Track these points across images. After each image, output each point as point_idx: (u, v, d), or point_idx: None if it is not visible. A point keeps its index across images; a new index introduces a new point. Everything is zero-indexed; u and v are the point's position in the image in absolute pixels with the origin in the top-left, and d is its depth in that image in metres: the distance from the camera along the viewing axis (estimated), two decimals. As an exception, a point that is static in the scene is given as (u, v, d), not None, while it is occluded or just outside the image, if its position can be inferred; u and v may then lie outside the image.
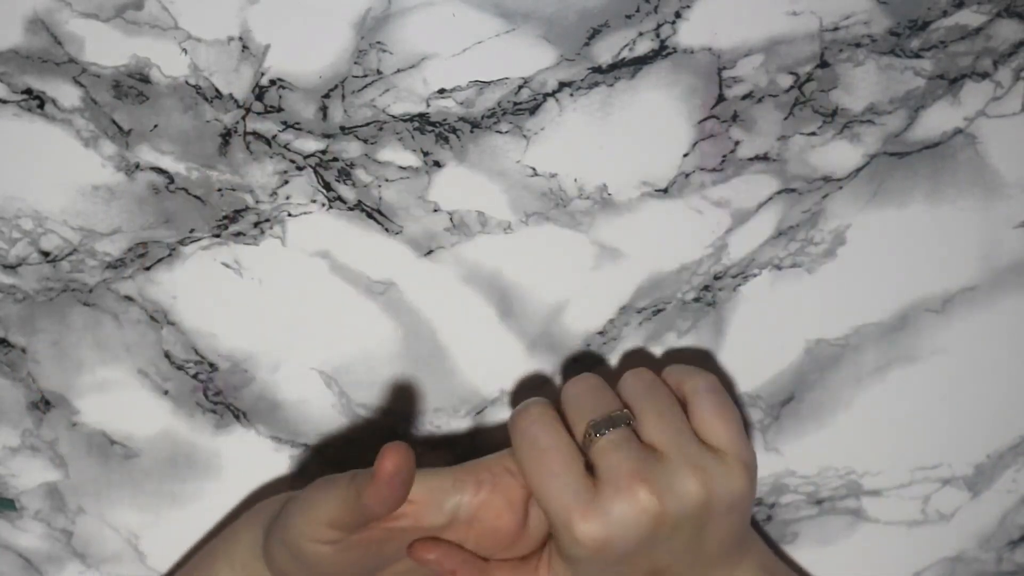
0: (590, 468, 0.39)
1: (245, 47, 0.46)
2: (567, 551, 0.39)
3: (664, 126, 0.48)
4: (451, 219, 0.48)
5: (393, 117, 0.47)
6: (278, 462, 0.51)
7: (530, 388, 0.50)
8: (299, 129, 0.47)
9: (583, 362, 0.50)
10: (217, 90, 0.46)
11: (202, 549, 0.45)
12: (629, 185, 0.48)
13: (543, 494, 0.39)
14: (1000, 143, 0.49)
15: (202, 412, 0.50)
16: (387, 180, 0.48)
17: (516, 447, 0.40)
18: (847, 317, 0.50)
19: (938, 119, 0.48)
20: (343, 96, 0.47)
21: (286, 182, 0.48)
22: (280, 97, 0.47)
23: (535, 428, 0.40)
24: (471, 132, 0.47)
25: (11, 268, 0.48)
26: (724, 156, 0.48)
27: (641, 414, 0.40)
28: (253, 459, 0.50)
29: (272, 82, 0.46)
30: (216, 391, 0.50)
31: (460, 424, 0.51)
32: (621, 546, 0.38)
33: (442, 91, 0.47)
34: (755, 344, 0.50)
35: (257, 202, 0.48)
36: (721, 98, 0.48)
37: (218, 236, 0.48)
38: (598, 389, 0.42)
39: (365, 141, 0.47)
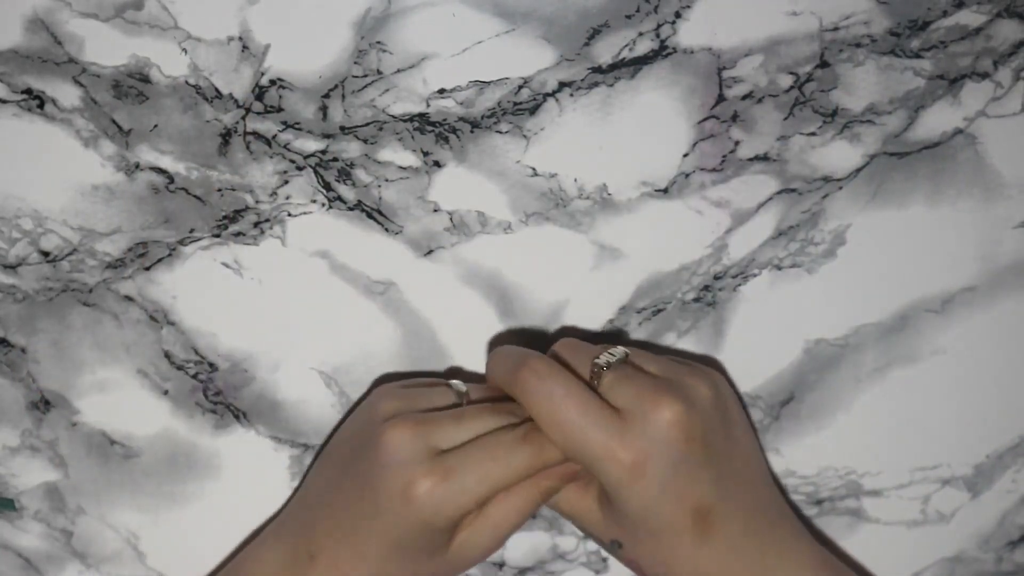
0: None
1: (245, 47, 0.46)
2: (613, 488, 0.40)
3: (664, 126, 0.48)
4: (451, 219, 0.48)
5: (393, 117, 0.47)
6: (278, 462, 0.51)
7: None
8: (299, 129, 0.47)
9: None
10: (217, 90, 0.46)
11: None
12: (629, 185, 0.48)
13: (575, 442, 0.40)
14: (1000, 143, 0.49)
15: (202, 412, 0.50)
16: (387, 180, 0.48)
17: (532, 405, 0.41)
18: (847, 317, 0.50)
19: (938, 119, 0.48)
20: (343, 96, 0.47)
21: (286, 182, 0.48)
22: (280, 97, 0.47)
23: (547, 380, 0.41)
24: (471, 132, 0.47)
25: (11, 268, 0.48)
26: (724, 156, 0.48)
27: (631, 356, 0.43)
28: (253, 459, 0.50)
29: (272, 82, 0.46)
30: (216, 391, 0.50)
31: (460, 424, 0.51)
32: (663, 464, 0.40)
33: (442, 91, 0.47)
34: (755, 344, 0.50)
35: (257, 202, 0.48)
36: (721, 98, 0.48)
37: (218, 236, 0.48)
38: (586, 341, 0.44)
39: (365, 141, 0.47)
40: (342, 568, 0.42)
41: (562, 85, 0.47)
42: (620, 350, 0.43)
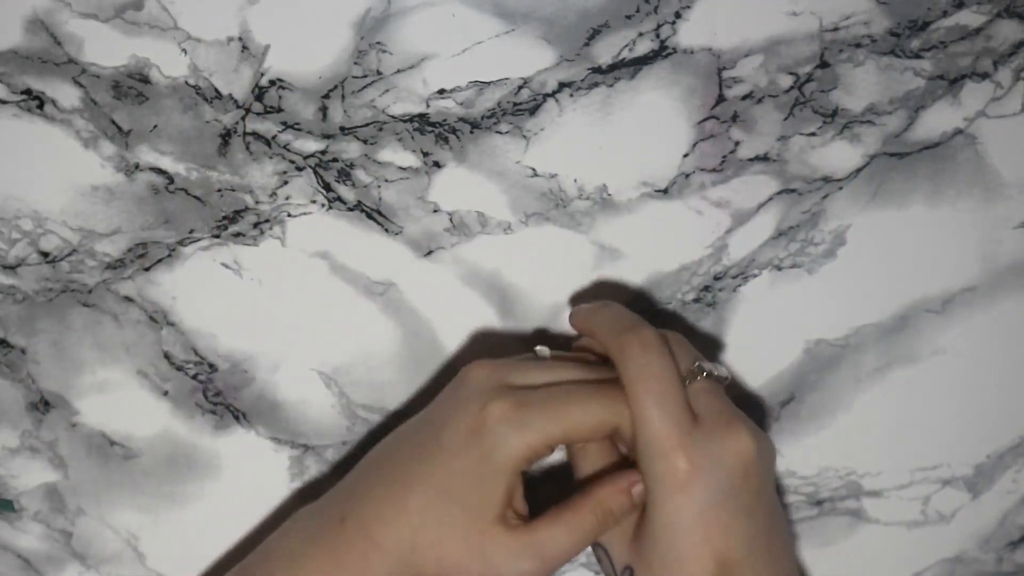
0: None
1: (245, 47, 0.46)
2: (655, 491, 0.39)
3: (664, 126, 0.48)
4: (451, 219, 0.48)
5: (393, 117, 0.47)
6: (278, 462, 0.51)
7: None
8: (299, 129, 0.47)
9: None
10: (217, 90, 0.46)
11: None
12: (629, 185, 0.48)
13: (647, 417, 0.39)
14: (1000, 143, 0.49)
15: (202, 413, 0.50)
16: (387, 180, 0.48)
17: (627, 368, 0.40)
18: (847, 317, 0.50)
19: (938, 119, 0.48)
20: (343, 96, 0.47)
21: (286, 182, 0.48)
22: (280, 97, 0.47)
23: (651, 354, 0.40)
24: (471, 132, 0.47)
25: (11, 269, 0.48)
26: (724, 156, 0.48)
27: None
28: (253, 460, 0.50)
29: (272, 82, 0.46)
30: (216, 392, 0.50)
31: (460, 425, 0.51)
32: (712, 488, 0.39)
33: (442, 91, 0.47)
34: (755, 344, 0.50)
35: (257, 202, 0.48)
36: (721, 98, 0.48)
37: (218, 236, 0.48)
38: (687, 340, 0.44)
39: (365, 141, 0.47)
40: (372, 529, 0.40)
41: (562, 85, 0.47)
42: (725, 370, 0.42)
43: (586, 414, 0.40)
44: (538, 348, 0.44)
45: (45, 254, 0.48)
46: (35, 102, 0.46)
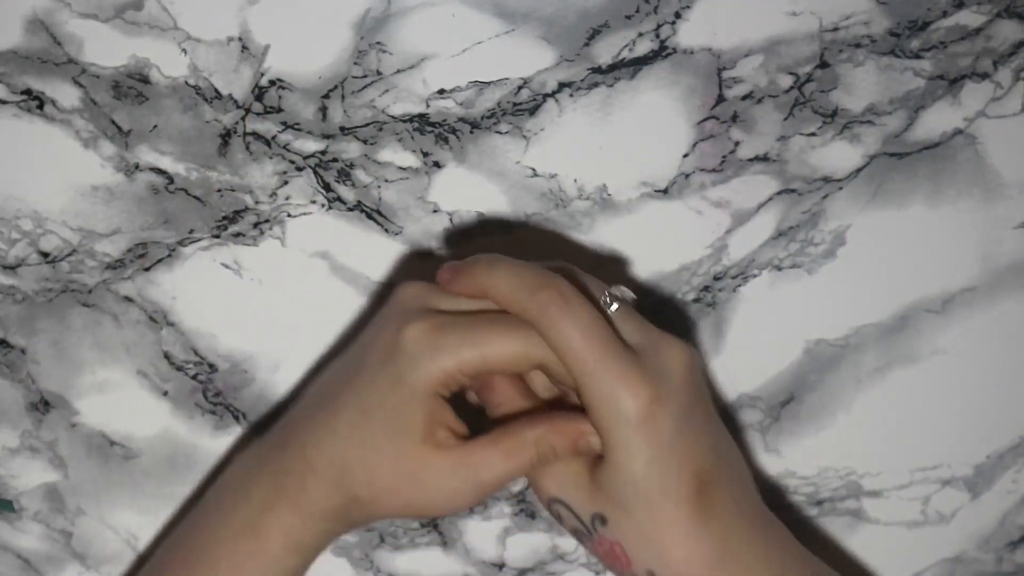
0: None
1: (245, 47, 0.46)
2: (615, 422, 0.38)
3: (664, 126, 0.48)
4: (451, 220, 0.48)
5: (393, 117, 0.47)
6: (278, 463, 0.51)
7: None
8: (299, 129, 0.47)
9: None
10: (217, 90, 0.46)
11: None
12: (629, 185, 0.48)
13: (596, 370, 0.37)
14: (1000, 143, 0.49)
15: (202, 413, 0.50)
16: (387, 181, 0.48)
17: (553, 329, 0.38)
18: (847, 317, 0.50)
19: (938, 119, 0.48)
20: (343, 96, 0.47)
21: (286, 183, 0.48)
22: (280, 97, 0.47)
23: (574, 307, 0.38)
24: (471, 132, 0.47)
25: (11, 269, 0.48)
26: (724, 156, 0.48)
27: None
28: (253, 460, 0.50)
29: (272, 82, 0.46)
30: (216, 392, 0.50)
31: (460, 425, 0.51)
32: (674, 409, 0.38)
33: (442, 91, 0.47)
34: (755, 345, 0.50)
35: (257, 203, 0.48)
36: (721, 98, 0.48)
37: (218, 237, 0.48)
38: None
39: (365, 142, 0.47)
40: (307, 453, 0.40)
41: (562, 85, 0.47)
42: (629, 292, 0.41)
43: (507, 344, 0.38)
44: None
45: (45, 254, 0.48)
46: (35, 102, 0.46)
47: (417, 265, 0.49)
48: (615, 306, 0.40)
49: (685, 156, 0.48)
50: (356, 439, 0.40)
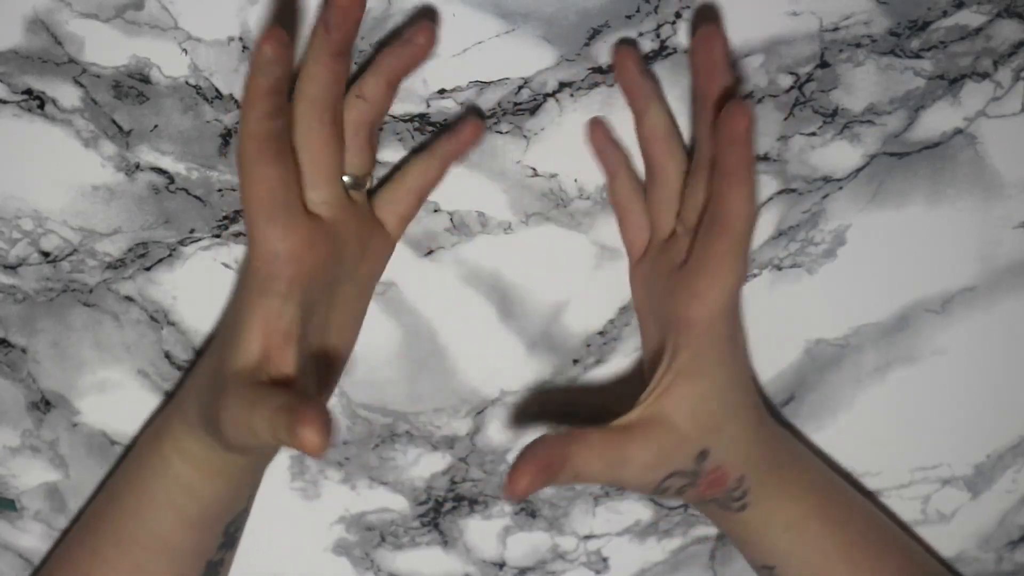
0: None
1: (245, 47, 0.46)
2: (701, 332, 0.42)
3: (664, 126, 0.48)
4: (451, 219, 0.48)
5: (393, 117, 0.47)
6: (278, 463, 0.51)
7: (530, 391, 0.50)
8: (299, 129, 0.47)
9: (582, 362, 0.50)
10: (217, 90, 0.46)
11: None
12: (629, 185, 0.48)
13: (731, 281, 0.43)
14: (1000, 143, 0.49)
15: (202, 412, 0.50)
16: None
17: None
18: (847, 317, 0.50)
19: (938, 119, 0.48)
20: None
21: (286, 182, 0.48)
22: (280, 97, 0.47)
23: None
24: (471, 132, 0.47)
25: (11, 268, 0.48)
26: (724, 156, 0.48)
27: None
28: (253, 459, 0.50)
29: (272, 82, 0.46)
30: (216, 391, 0.50)
31: (460, 424, 0.51)
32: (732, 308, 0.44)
33: (442, 91, 0.47)
34: (755, 344, 0.50)
35: (257, 202, 0.48)
36: (721, 98, 0.48)
37: (218, 236, 0.48)
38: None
39: (365, 141, 0.47)
40: (187, 386, 0.45)
41: (562, 85, 0.47)
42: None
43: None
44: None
45: (46, 254, 0.48)
46: (36, 102, 0.46)
47: (417, 264, 0.49)
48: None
49: (685, 156, 0.48)
50: (217, 365, 0.42)
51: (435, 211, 0.48)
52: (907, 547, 0.49)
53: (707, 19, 0.46)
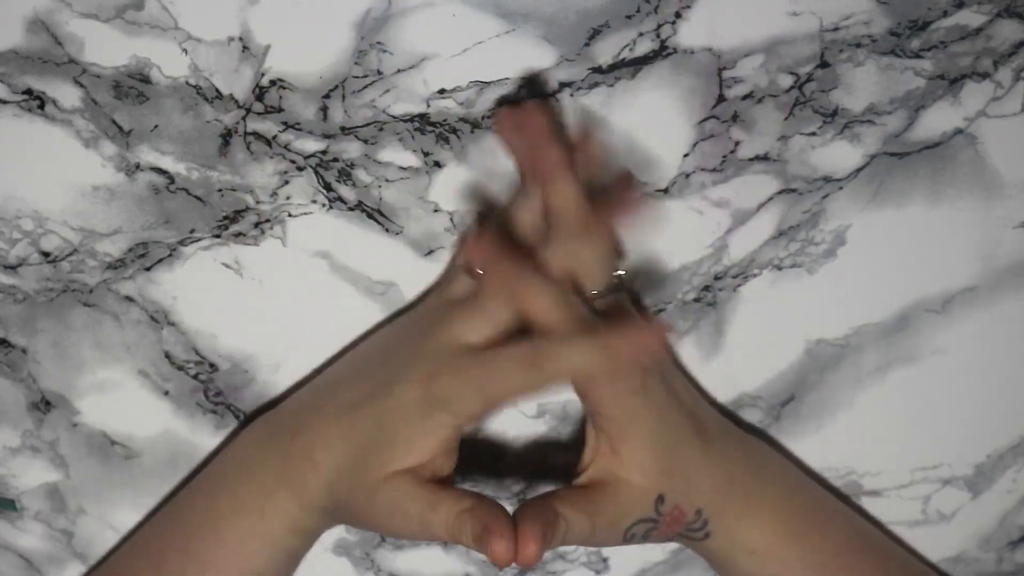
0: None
1: (245, 47, 0.46)
2: (626, 396, 0.41)
3: (664, 126, 0.48)
4: (451, 219, 0.48)
5: (393, 117, 0.47)
6: (278, 462, 0.51)
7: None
8: (299, 129, 0.47)
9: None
10: (217, 90, 0.46)
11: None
12: (629, 185, 0.48)
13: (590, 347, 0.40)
14: (1000, 143, 0.49)
15: (202, 413, 0.50)
16: (387, 180, 0.48)
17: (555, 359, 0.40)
18: (847, 317, 0.50)
19: (938, 119, 0.48)
20: (343, 96, 0.47)
21: (286, 182, 0.48)
22: (280, 97, 0.47)
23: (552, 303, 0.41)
24: (471, 132, 0.47)
25: (11, 268, 0.48)
26: (724, 156, 0.48)
27: None
28: (253, 459, 0.50)
29: (272, 82, 0.46)
30: (216, 391, 0.50)
31: (460, 424, 0.51)
32: (658, 368, 0.44)
33: (442, 91, 0.47)
34: (755, 344, 0.50)
35: (257, 202, 0.48)
36: (721, 98, 0.48)
37: (218, 236, 0.48)
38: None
39: (365, 141, 0.47)
40: (316, 451, 0.42)
41: (563, 85, 0.47)
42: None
43: (525, 383, 0.40)
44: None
45: (46, 254, 0.48)
46: (36, 102, 0.46)
47: (417, 264, 0.49)
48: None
49: (685, 156, 0.48)
50: (362, 456, 0.41)
51: (435, 211, 0.48)
52: (891, 556, 0.48)
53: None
